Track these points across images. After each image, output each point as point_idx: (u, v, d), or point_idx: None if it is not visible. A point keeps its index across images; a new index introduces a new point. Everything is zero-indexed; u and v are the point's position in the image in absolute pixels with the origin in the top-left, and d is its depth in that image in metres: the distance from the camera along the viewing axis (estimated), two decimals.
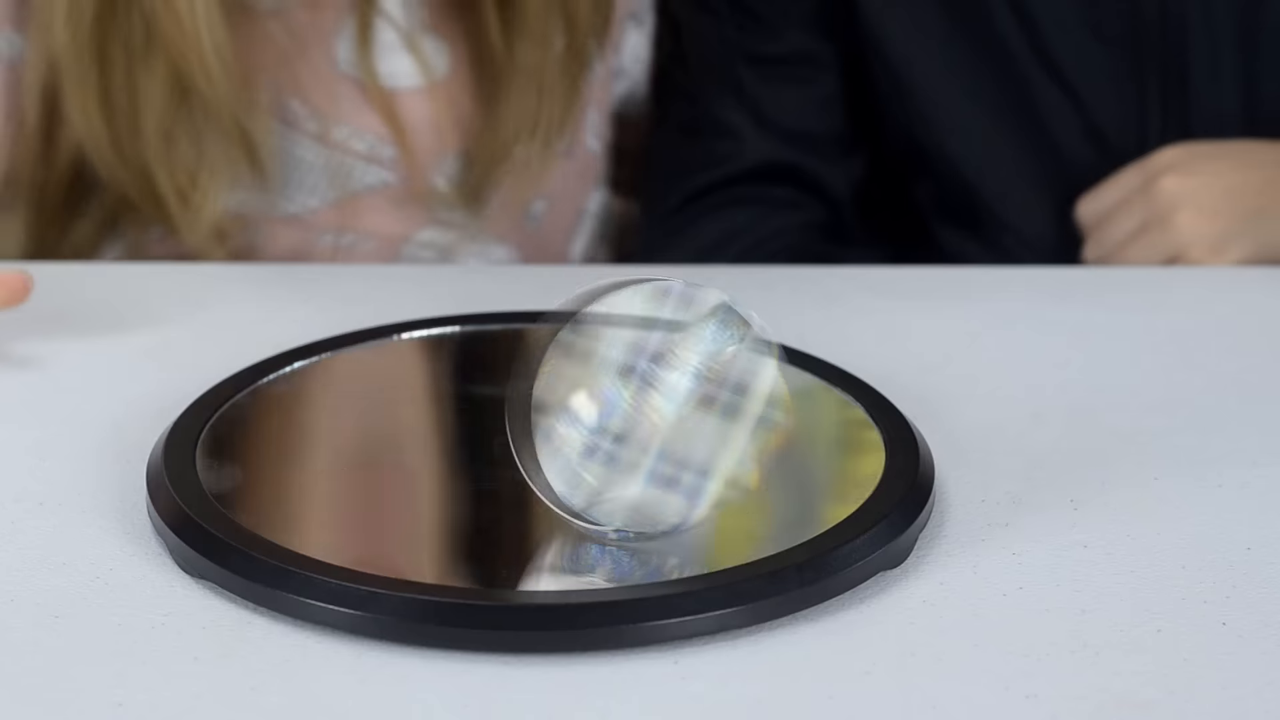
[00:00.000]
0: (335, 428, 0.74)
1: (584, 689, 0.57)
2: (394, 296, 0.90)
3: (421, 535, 0.66)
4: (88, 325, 0.86)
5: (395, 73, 1.03)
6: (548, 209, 1.08)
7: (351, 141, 1.03)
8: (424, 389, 0.79)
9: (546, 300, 0.82)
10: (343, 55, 1.02)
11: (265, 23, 1.01)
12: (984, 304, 0.89)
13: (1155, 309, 0.88)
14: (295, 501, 0.68)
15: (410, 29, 1.03)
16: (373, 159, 1.03)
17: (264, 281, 0.94)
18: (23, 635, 0.60)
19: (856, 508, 0.65)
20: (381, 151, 1.03)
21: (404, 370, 0.79)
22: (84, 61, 0.97)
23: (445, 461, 0.72)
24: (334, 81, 1.02)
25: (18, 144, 1.01)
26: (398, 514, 0.67)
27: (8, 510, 0.68)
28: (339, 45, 1.02)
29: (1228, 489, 0.70)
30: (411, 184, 1.04)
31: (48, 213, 1.02)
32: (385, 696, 0.57)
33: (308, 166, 1.03)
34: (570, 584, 0.63)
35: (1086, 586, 0.63)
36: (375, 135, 1.03)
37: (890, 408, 0.72)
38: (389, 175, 1.04)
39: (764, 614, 0.60)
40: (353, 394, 0.77)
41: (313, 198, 1.03)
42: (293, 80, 1.02)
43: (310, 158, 1.03)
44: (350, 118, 1.03)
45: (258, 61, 1.01)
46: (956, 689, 0.57)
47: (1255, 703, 0.56)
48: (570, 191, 1.09)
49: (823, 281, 0.93)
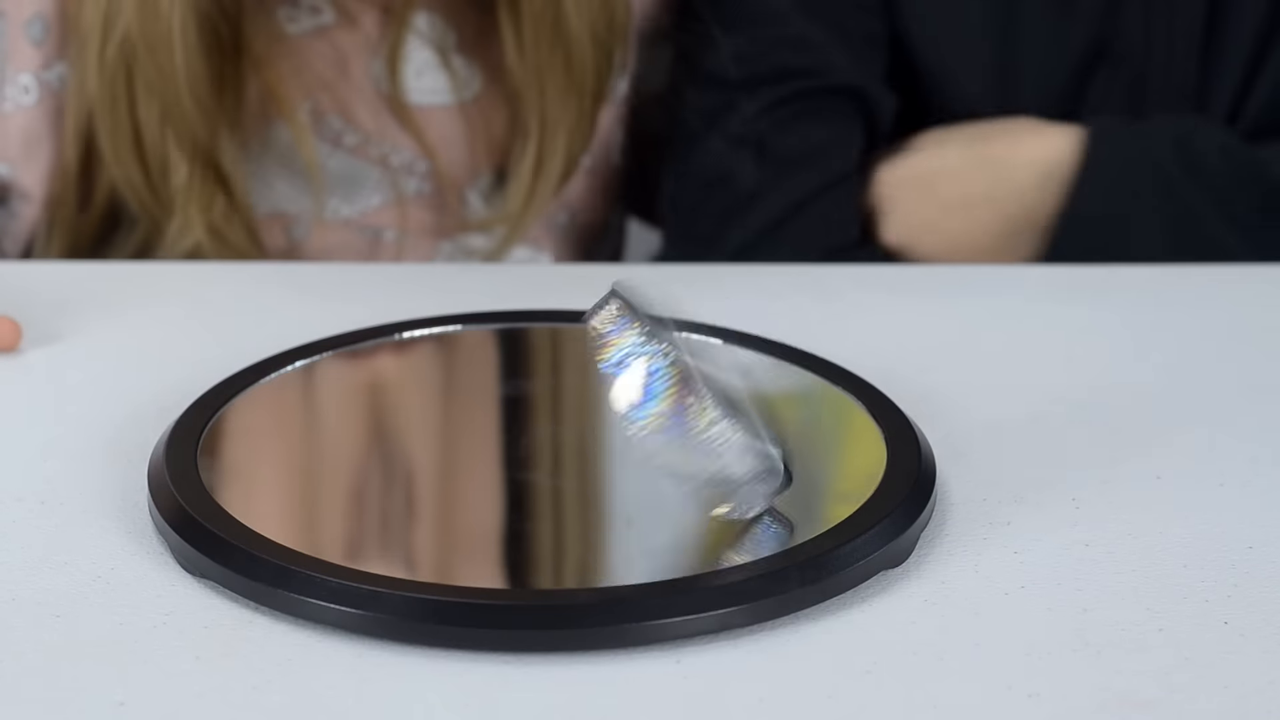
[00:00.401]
0: (336, 427, 0.74)
1: (585, 688, 0.57)
2: (394, 296, 0.90)
3: (422, 534, 0.66)
4: (88, 325, 0.86)
5: (429, 89, 1.04)
6: (570, 220, 1.10)
7: (391, 158, 1.04)
8: (425, 388, 0.79)
9: (547, 300, 0.82)
10: (379, 72, 1.03)
11: (301, 44, 1.02)
12: (985, 302, 0.89)
13: (1157, 307, 0.88)
14: (296, 501, 0.68)
15: (444, 47, 1.04)
16: (411, 172, 1.05)
17: (264, 281, 0.94)
18: (24, 635, 0.60)
19: (858, 507, 0.65)
20: (418, 166, 1.04)
21: (404, 370, 0.79)
22: (116, 108, 0.98)
23: (446, 460, 0.72)
24: (372, 98, 1.03)
25: (56, 180, 1.02)
26: (399, 513, 0.67)
27: (9, 510, 0.68)
28: (375, 63, 1.03)
29: (1230, 487, 0.70)
30: (446, 199, 1.05)
31: (83, 245, 1.03)
32: (387, 696, 0.57)
33: (342, 179, 1.04)
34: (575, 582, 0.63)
35: (1088, 585, 0.63)
36: (411, 151, 1.04)
37: (891, 406, 0.72)
38: (426, 185, 1.05)
39: (765, 613, 0.60)
40: (353, 394, 0.77)
41: (346, 205, 1.05)
42: (332, 98, 1.03)
43: (344, 171, 1.04)
44: (387, 134, 1.04)
45: (297, 77, 1.02)
46: (958, 688, 0.57)
47: (1257, 701, 0.56)
48: (594, 205, 1.11)
49: (823, 279, 0.93)
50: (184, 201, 0.99)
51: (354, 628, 0.59)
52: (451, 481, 0.70)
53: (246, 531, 0.63)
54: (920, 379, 0.79)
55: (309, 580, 0.60)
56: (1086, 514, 0.68)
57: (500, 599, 0.60)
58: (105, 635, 0.60)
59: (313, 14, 1.03)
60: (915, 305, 0.89)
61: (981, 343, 0.84)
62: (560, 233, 1.09)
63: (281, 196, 1.04)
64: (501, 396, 0.76)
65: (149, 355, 0.82)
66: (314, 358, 0.77)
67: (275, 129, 1.03)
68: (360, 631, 0.59)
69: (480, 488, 0.69)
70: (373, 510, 0.68)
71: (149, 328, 0.86)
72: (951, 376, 0.80)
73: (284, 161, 1.04)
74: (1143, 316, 0.87)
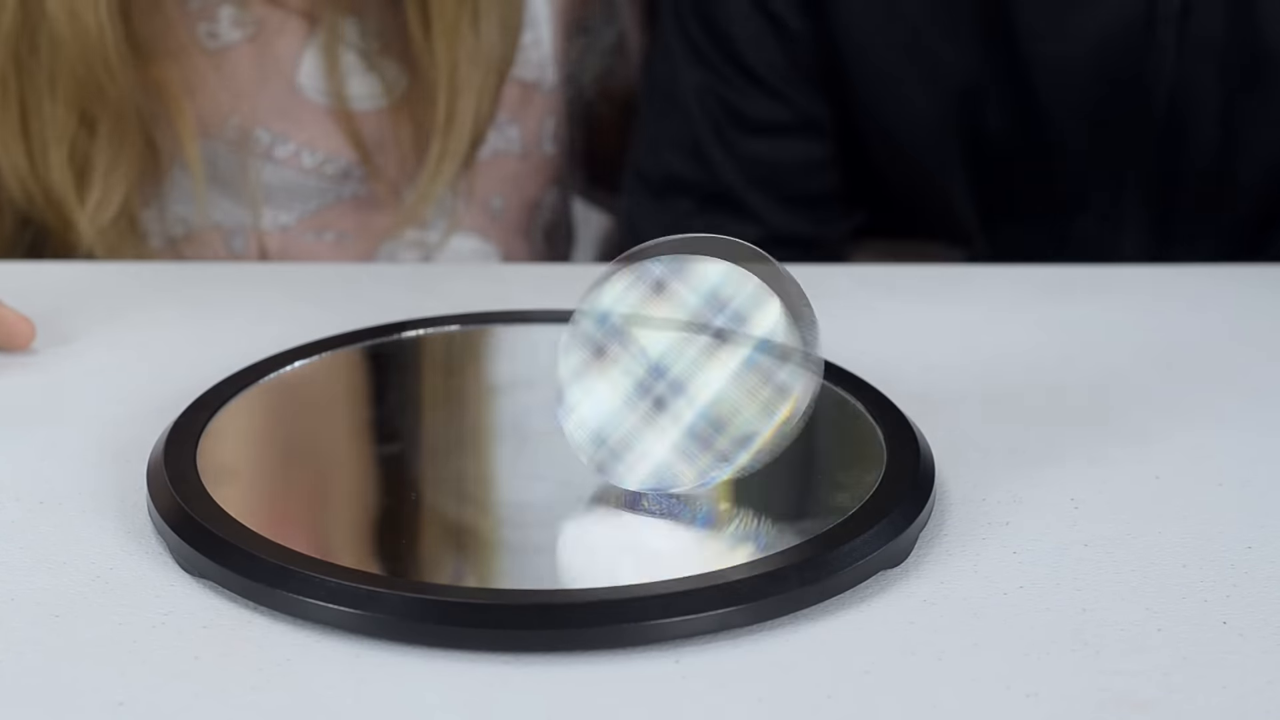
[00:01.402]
0: (335, 428, 0.74)
1: (584, 689, 0.57)
2: (393, 296, 0.90)
3: (422, 534, 0.66)
4: (88, 325, 0.86)
5: (357, 95, 1.06)
6: (504, 204, 1.12)
7: (325, 167, 1.05)
8: (424, 387, 0.79)
9: (547, 300, 0.82)
10: (305, 81, 1.04)
11: (227, 55, 1.03)
12: (984, 302, 0.89)
13: (1155, 307, 0.88)
14: (295, 501, 0.68)
15: (367, 50, 1.05)
16: (347, 178, 1.05)
17: (264, 281, 0.94)
18: (23, 635, 0.60)
19: (857, 507, 0.65)
20: (354, 170, 1.05)
21: (404, 370, 0.79)
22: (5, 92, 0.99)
23: (446, 461, 0.72)
24: (299, 108, 1.04)
25: None
26: (398, 513, 0.67)
27: (8, 510, 0.68)
28: (301, 71, 1.04)
29: (1228, 487, 0.70)
30: (382, 200, 1.06)
31: None
32: (385, 696, 0.57)
33: (278, 189, 1.05)
34: (572, 583, 0.63)
35: (1087, 585, 0.63)
36: (347, 159, 1.05)
37: (890, 406, 0.72)
38: (361, 188, 1.06)
39: (764, 613, 0.60)
40: (353, 394, 0.77)
41: (285, 213, 1.06)
42: (257, 109, 1.04)
43: (278, 181, 1.05)
44: (319, 142, 1.04)
45: (223, 93, 1.03)
46: (957, 688, 0.57)
47: (1256, 702, 0.56)
48: (525, 188, 1.13)
49: (823, 280, 0.93)
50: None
51: (353, 628, 0.59)
52: (451, 482, 0.70)
53: (245, 531, 0.63)
54: (919, 379, 0.79)
55: (308, 580, 0.60)
56: (1085, 514, 0.68)
57: (500, 599, 0.60)
58: (104, 635, 0.60)
59: (235, 26, 1.04)
60: (915, 305, 0.89)
61: (981, 342, 0.85)
62: (496, 216, 1.11)
63: (216, 209, 1.05)
64: (502, 397, 0.76)
65: (149, 355, 0.82)
66: (313, 358, 0.77)
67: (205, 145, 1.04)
68: (359, 631, 0.59)
69: (480, 488, 0.69)
70: (372, 510, 0.68)
71: (149, 328, 0.86)
72: (951, 376, 0.80)
73: (213, 176, 1.05)
74: (1141, 316, 0.87)
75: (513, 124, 1.11)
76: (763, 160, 1.10)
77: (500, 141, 1.11)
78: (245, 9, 1.04)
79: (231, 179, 1.05)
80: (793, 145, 1.10)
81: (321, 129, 1.05)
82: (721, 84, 1.09)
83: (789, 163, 1.10)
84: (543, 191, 1.15)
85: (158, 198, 1.05)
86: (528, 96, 1.11)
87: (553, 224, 1.17)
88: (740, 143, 1.09)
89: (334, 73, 1.05)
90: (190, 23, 1.03)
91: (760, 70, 1.08)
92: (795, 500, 0.68)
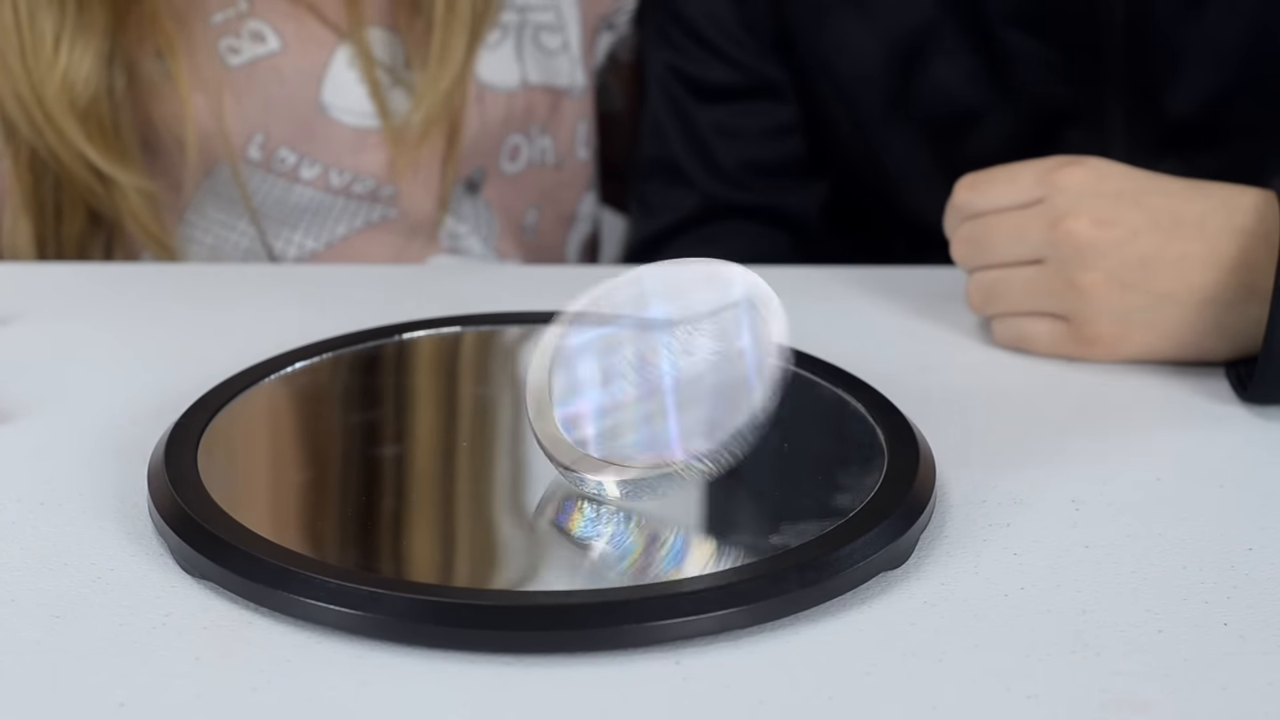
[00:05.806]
0: (335, 428, 0.74)
1: (585, 689, 0.57)
2: (394, 296, 0.90)
3: (422, 535, 0.66)
4: (88, 325, 0.86)
5: (379, 111, 1.04)
6: (540, 217, 1.11)
7: (354, 186, 1.04)
8: (424, 389, 0.79)
9: (547, 300, 0.82)
10: (329, 100, 1.03)
11: (243, 75, 1.02)
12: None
13: None
14: (296, 501, 0.68)
15: (394, 63, 1.04)
16: (376, 199, 1.04)
17: (264, 281, 0.94)
18: (23, 635, 0.60)
19: (858, 508, 0.65)
20: (382, 191, 1.04)
21: (405, 370, 0.79)
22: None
23: (446, 461, 0.72)
24: (325, 126, 1.03)
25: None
26: (398, 514, 0.67)
27: (8, 510, 0.68)
28: (324, 91, 1.03)
29: (1229, 489, 0.70)
30: (414, 223, 1.05)
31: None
32: (386, 697, 0.57)
33: (301, 210, 1.04)
34: (571, 583, 0.63)
35: (1087, 587, 0.63)
36: (374, 177, 1.04)
37: (891, 408, 0.72)
38: (391, 211, 1.05)
39: (765, 614, 0.60)
40: (353, 394, 0.77)
41: (310, 239, 1.05)
42: (282, 129, 1.03)
43: (304, 202, 1.04)
44: (345, 161, 1.03)
45: (244, 112, 1.02)
46: (957, 689, 0.57)
47: (1256, 702, 0.56)
48: (560, 201, 1.12)
49: (823, 282, 0.93)
50: None
51: (353, 629, 0.59)
52: (452, 482, 0.70)
53: (246, 532, 0.63)
54: (920, 380, 0.79)
55: (308, 581, 0.60)
56: (1086, 515, 0.68)
57: (500, 600, 0.60)
58: (105, 636, 0.60)
59: (256, 41, 1.03)
60: (915, 305, 0.89)
61: (981, 344, 0.85)
62: (529, 233, 1.11)
63: (242, 235, 1.05)
64: (502, 397, 0.76)
65: (149, 355, 0.82)
66: (314, 358, 0.77)
67: (216, 170, 1.03)
68: (360, 632, 0.59)
69: (481, 488, 0.69)
70: (372, 511, 0.68)
71: (149, 328, 0.86)
72: (951, 378, 0.80)
73: (225, 201, 1.04)
74: None
75: (545, 134, 1.09)
76: (724, 129, 1.10)
77: (534, 153, 1.09)
78: (269, 23, 1.02)
79: (262, 202, 1.04)
80: (753, 110, 1.09)
81: (347, 148, 1.04)
82: (679, 57, 1.09)
83: (750, 129, 1.10)
84: (578, 201, 1.13)
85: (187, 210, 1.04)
86: (558, 104, 1.10)
87: (588, 237, 1.16)
88: (701, 113, 1.10)
89: (361, 89, 1.03)
90: (212, 39, 1.02)
91: (710, 32, 1.08)
92: (796, 502, 0.68)
